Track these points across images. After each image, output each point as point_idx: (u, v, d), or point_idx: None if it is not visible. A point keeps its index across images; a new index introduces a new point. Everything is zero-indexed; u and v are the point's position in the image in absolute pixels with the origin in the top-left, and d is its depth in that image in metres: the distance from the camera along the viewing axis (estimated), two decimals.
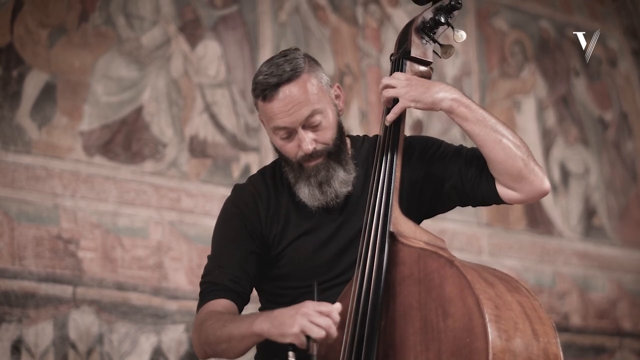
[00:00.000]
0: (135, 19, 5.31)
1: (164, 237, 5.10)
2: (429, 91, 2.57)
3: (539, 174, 2.57)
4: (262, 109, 2.66)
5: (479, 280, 2.33)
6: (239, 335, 2.48)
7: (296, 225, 2.71)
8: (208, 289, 2.67)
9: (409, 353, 2.37)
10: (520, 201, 2.63)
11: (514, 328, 2.30)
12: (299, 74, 2.62)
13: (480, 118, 2.55)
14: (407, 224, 2.53)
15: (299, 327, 2.33)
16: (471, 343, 2.27)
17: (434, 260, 2.40)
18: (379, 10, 6.26)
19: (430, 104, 2.57)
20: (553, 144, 6.89)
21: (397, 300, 2.42)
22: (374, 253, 2.49)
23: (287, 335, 2.34)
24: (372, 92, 6.07)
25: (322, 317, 2.33)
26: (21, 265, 4.68)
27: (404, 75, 2.63)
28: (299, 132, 2.62)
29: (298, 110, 2.60)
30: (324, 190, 2.65)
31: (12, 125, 4.82)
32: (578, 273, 6.70)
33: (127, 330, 4.88)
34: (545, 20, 7.04)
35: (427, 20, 2.70)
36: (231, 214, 2.75)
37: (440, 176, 2.68)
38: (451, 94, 2.56)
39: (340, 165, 2.67)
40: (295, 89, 2.61)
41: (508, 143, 2.54)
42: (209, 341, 2.57)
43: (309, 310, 2.34)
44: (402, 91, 2.59)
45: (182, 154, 5.29)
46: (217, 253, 2.73)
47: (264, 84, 2.62)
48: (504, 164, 2.55)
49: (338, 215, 2.70)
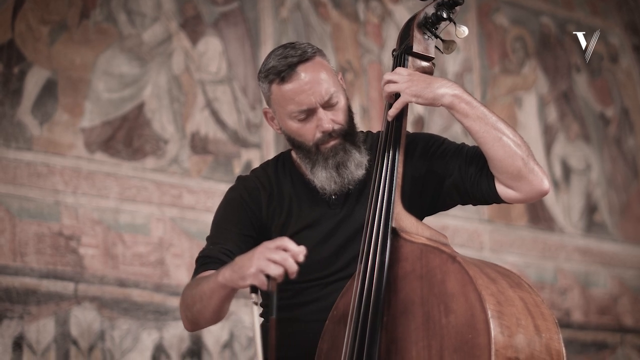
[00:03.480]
0: (137, 16, 5.31)
1: (165, 233, 5.10)
2: (430, 86, 2.57)
3: (538, 173, 2.57)
4: (277, 94, 2.66)
5: (481, 276, 2.32)
6: (209, 290, 2.48)
7: (298, 218, 2.71)
8: (202, 262, 2.68)
9: (411, 349, 2.36)
10: (519, 200, 2.62)
11: (517, 324, 2.29)
12: (314, 55, 2.65)
13: (480, 115, 2.54)
14: (409, 219, 2.53)
15: (256, 267, 2.29)
16: (473, 339, 2.27)
17: (436, 256, 2.40)
18: (380, 7, 6.25)
19: (431, 100, 2.57)
20: (554, 140, 6.88)
21: (399, 296, 2.42)
22: (376, 249, 2.48)
23: (246, 277, 2.32)
24: (373, 88, 6.07)
25: (278, 251, 2.29)
26: (22, 262, 4.68)
27: (406, 71, 2.63)
28: (319, 112, 2.64)
29: (317, 89, 2.62)
30: (341, 172, 2.65)
31: (13, 122, 4.82)
32: (579, 269, 6.70)
33: (128, 326, 4.88)
34: (546, 17, 7.03)
35: (429, 15, 2.70)
36: (232, 199, 2.76)
37: (441, 173, 2.68)
38: (452, 89, 2.56)
39: (355, 147, 2.69)
40: (312, 69, 2.63)
41: (508, 141, 2.53)
42: (187, 304, 2.57)
43: (263, 248, 2.31)
44: (403, 86, 2.59)
45: (183, 151, 5.29)
46: (215, 233, 2.74)
47: (278, 67, 2.63)
48: (503, 162, 2.54)
49: (339, 209, 2.70)
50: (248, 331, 5.16)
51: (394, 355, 2.39)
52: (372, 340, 2.41)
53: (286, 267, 2.28)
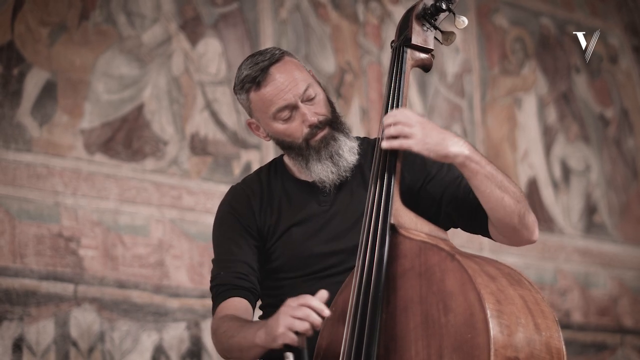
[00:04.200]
0: (136, 17, 5.31)
1: (165, 235, 5.09)
2: (444, 142, 2.49)
3: (530, 227, 2.58)
4: (256, 100, 2.68)
5: (480, 274, 2.31)
6: (246, 346, 2.55)
7: (287, 217, 2.73)
8: (218, 291, 2.72)
9: (410, 348, 2.35)
10: (507, 244, 2.66)
11: (516, 323, 2.28)
12: (282, 55, 2.69)
13: (488, 174, 2.51)
14: (408, 215, 2.51)
15: (283, 326, 2.37)
16: (473, 338, 2.26)
17: (435, 254, 2.39)
18: (379, 8, 6.25)
19: (443, 157, 2.51)
20: (554, 141, 6.88)
21: (397, 293, 2.41)
22: (374, 245, 2.47)
23: (277, 337, 2.39)
24: (372, 89, 6.07)
25: (301, 309, 2.37)
26: (22, 264, 4.67)
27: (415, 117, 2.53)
28: (301, 107, 2.66)
29: (295, 85, 2.65)
30: (335, 161, 2.67)
31: (12, 123, 4.81)
32: (579, 270, 6.69)
33: (128, 328, 4.88)
34: (545, 17, 7.03)
35: (428, 6, 2.68)
36: (224, 212, 2.80)
37: (437, 199, 2.68)
38: (465, 149, 2.50)
39: (343, 133, 2.70)
40: (284, 68, 2.67)
41: (509, 201, 2.52)
42: (224, 349, 2.65)
43: (287, 307, 2.39)
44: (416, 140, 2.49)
45: (183, 152, 5.29)
46: (219, 255, 2.78)
47: (251, 74, 2.67)
48: (501, 221, 2.56)
49: (328, 206, 2.72)
50: None
51: (393, 353, 2.38)
52: (371, 338, 2.39)
53: (311, 322, 2.36)
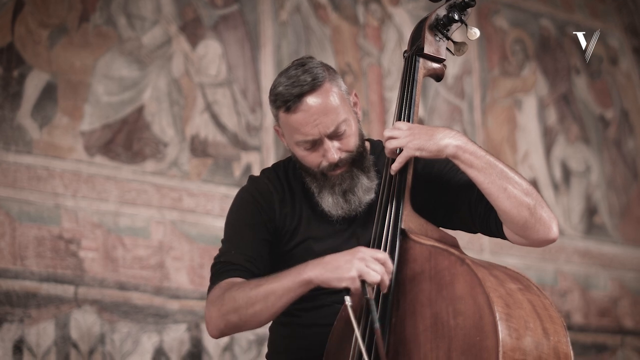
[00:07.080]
0: (136, 19, 5.31)
1: (165, 236, 5.09)
2: (433, 138, 2.52)
3: (546, 222, 2.52)
4: (284, 121, 2.63)
5: (489, 279, 2.33)
6: (282, 288, 2.44)
7: (308, 228, 2.70)
8: (223, 268, 2.64)
9: (419, 350, 2.37)
10: (526, 245, 2.59)
11: (525, 327, 2.30)
12: (321, 83, 2.60)
13: (485, 165, 2.49)
14: (418, 220, 2.53)
15: (357, 270, 2.34)
16: (481, 341, 2.27)
17: (445, 258, 2.40)
18: (379, 9, 6.25)
19: (435, 152, 2.51)
20: (554, 142, 6.89)
21: (407, 297, 2.42)
22: (385, 250, 2.48)
23: (344, 279, 2.35)
24: (373, 91, 6.07)
25: (378, 263, 2.35)
26: (23, 265, 4.67)
27: (405, 125, 2.58)
28: (325, 142, 2.60)
29: (324, 121, 2.58)
30: (348, 198, 2.64)
31: (13, 125, 4.81)
32: (580, 271, 6.70)
33: (128, 329, 4.87)
34: (545, 19, 7.04)
35: (441, 17, 2.70)
36: (247, 201, 2.74)
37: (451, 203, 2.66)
38: (456, 140, 2.51)
39: (363, 172, 2.66)
40: (320, 99, 2.58)
41: (514, 191, 2.48)
42: (238, 305, 2.50)
43: (365, 255, 2.36)
44: (404, 141, 2.54)
45: (183, 154, 5.28)
46: (232, 236, 2.71)
47: (285, 95, 2.59)
48: (509, 214, 2.50)
49: (348, 225, 2.69)
50: (249, 334, 5.16)
51: (402, 356, 2.39)
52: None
53: (383, 279, 2.35)
